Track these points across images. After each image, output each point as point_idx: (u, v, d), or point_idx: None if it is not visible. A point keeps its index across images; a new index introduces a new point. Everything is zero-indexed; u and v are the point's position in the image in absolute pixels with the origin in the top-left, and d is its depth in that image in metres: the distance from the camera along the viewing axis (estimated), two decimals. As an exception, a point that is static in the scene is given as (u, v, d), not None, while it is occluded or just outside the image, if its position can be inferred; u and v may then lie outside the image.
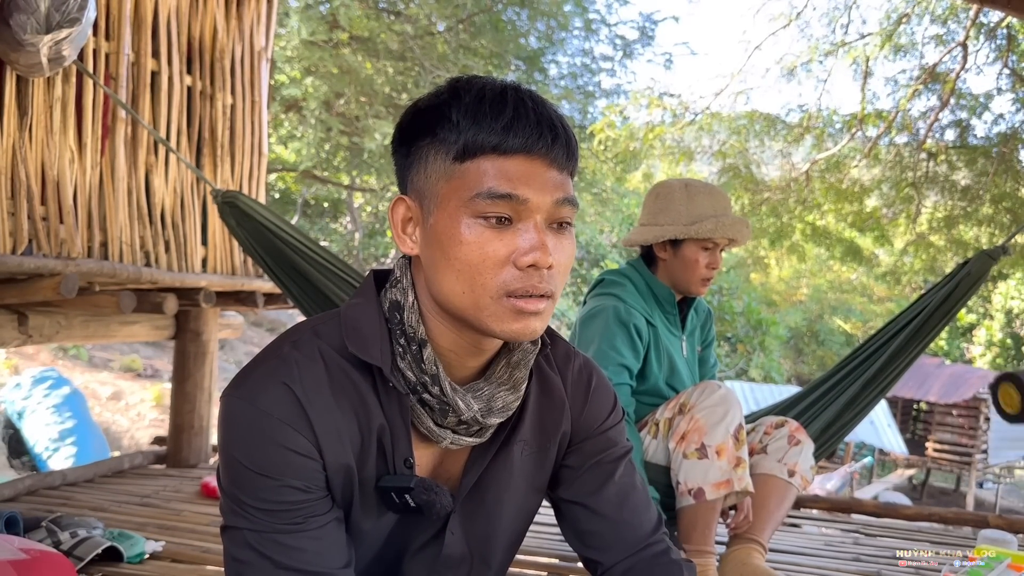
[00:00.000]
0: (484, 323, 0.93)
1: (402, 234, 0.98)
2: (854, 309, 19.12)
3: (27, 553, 1.86)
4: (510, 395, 1.01)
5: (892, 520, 3.37)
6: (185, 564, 2.25)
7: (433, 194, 0.94)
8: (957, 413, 15.02)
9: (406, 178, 0.99)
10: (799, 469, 2.19)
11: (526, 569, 2.33)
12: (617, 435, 1.15)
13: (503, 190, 0.90)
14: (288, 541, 0.95)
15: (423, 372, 0.96)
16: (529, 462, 1.09)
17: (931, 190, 8.97)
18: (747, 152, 9.47)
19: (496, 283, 0.91)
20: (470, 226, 0.91)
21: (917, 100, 8.37)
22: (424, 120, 0.95)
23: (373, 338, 0.97)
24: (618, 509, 1.12)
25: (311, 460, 0.95)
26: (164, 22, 3.13)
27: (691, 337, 2.33)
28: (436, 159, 0.94)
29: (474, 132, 0.91)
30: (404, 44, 9.41)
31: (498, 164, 0.91)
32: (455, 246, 0.91)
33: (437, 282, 0.94)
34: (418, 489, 0.99)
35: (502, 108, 0.92)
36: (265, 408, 0.93)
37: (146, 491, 3.15)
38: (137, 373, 10.15)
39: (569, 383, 1.12)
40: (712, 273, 2.18)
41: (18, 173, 2.55)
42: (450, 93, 0.95)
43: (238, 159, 3.55)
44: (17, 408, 7.45)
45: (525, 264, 0.91)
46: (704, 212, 2.14)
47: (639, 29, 11.68)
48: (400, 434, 0.99)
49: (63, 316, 3.14)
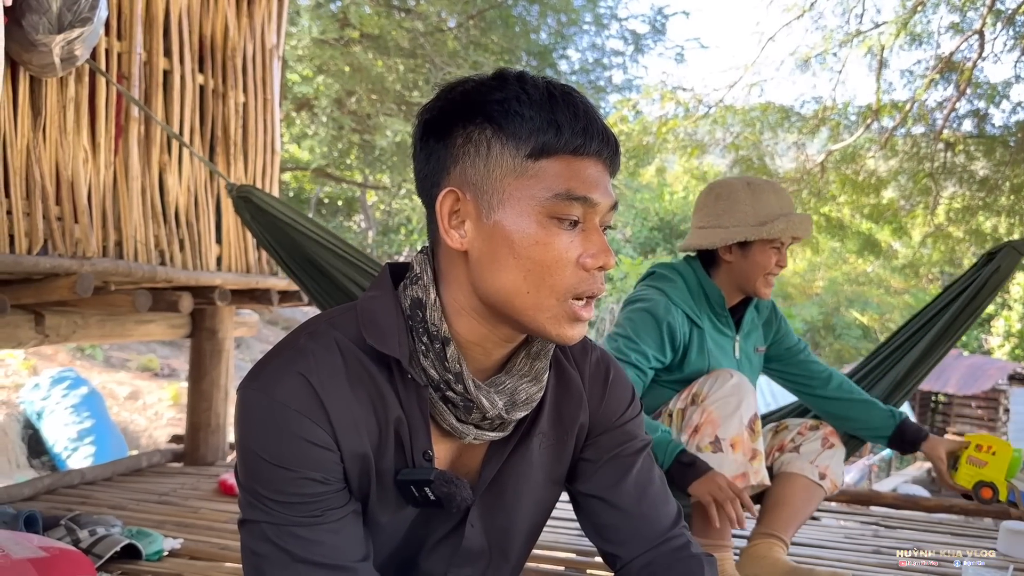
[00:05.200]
0: (540, 324, 0.93)
1: (449, 228, 0.95)
2: (871, 302, 18.98)
3: (47, 551, 1.86)
4: (533, 387, 1.01)
5: (912, 512, 3.34)
6: (203, 561, 2.26)
7: (497, 189, 0.92)
8: (976, 405, 14.90)
9: (449, 167, 0.95)
10: (830, 472, 2.17)
11: (544, 564, 2.32)
12: (636, 428, 1.14)
13: (581, 192, 0.91)
14: (306, 534, 0.94)
15: (447, 370, 0.95)
16: (547, 454, 1.08)
17: (948, 181, 8.88)
18: (760, 144, 9.40)
19: (565, 284, 0.92)
20: (545, 226, 0.91)
21: (933, 90, 8.29)
22: (481, 109, 0.93)
23: (391, 330, 0.96)
24: (637, 503, 1.11)
25: (328, 451, 0.94)
26: (175, 21, 3.13)
27: (747, 338, 2.26)
28: (503, 153, 0.92)
29: (554, 131, 0.90)
30: (414, 41, 9.41)
31: (575, 166, 0.92)
32: (528, 245, 0.91)
33: (494, 279, 0.93)
34: (438, 481, 0.97)
35: (576, 109, 0.92)
36: (282, 399, 0.92)
37: (164, 489, 3.17)
38: (154, 372, 10.21)
39: (587, 376, 1.11)
40: (778, 271, 2.11)
41: (33, 173, 2.55)
42: (513, 85, 0.93)
43: (251, 157, 3.55)
44: (36, 408, 7.51)
45: (595, 266, 0.93)
46: (772, 211, 2.07)
47: (650, 23, 11.64)
48: (418, 427, 0.99)
49: (79, 316, 3.15)
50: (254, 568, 0.97)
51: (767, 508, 2.16)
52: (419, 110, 1.00)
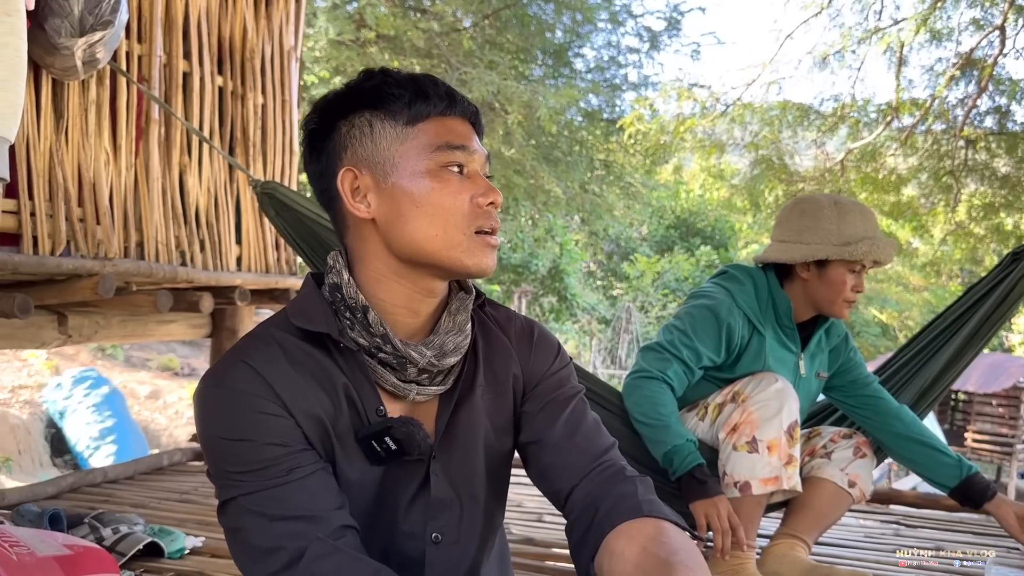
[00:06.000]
0: (457, 259, 1.04)
1: (355, 202, 1.06)
2: (890, 299, 18.83)
3: (71, 549, 1.88)
4: (459, 337, 1.10)
5: (933, 511, 3.31)
6: (224, 559, 2.27)
7: (387, 158, 1.05)
8: (997, 403, 14.73)
9: (340, 155, 1.08)
10: (860, 481, 2.16)
11: (548, 561, 2.33)
12: (565, 377, 1.22)
13: (458, 142, 1.06)
14: (278, 494, 1.01)
15: (372, 335, 1.05)
16: (490, 404, 1.17)
17: (970, 178, 8.79)
18: (780, 143, 9.34)
19: (466, 221, 1.04)
20: (436, 175, 1.04)
21: (954, 87, 8.21)
22: (357, 100, 1.08)
23: (317, 312, 1.07)
24: (569, 438, 1.16)
25: (281, 418, 1.02)
26: (195, 23, 3.15)
27: (812, 358, 2.22)
28: (383, 127, 1.06)
29: (423, 99, 1.06)
30: (430, 41, 9.42)
31: (447, 124, 1.07)
32: (426, 193, 1.04)
33: (405, 233, 1.04)
34: (396, 425, 1.05)
35: (436, 82, 1.08)
36: (229, 384, 1.02)
37: (185, 487, 3.19)
38: (174, 372, 10.29)
39: (513, 337, 1.21)
40: (856, 296, 2.08)
41: (55, 175, 2.58)
42: (379, 75, 1.08)
43: (270, 158, 3.58)
44: (59, 408, 7.60)
45: (486, 203, 1.06)
46: (856, 233, 2.04)
47: (666, 19, 11.59)
48: (364, 388, 1.07)
49: (102, 316, 3.18)
50: (238, 543, 1.03)
51: (793, 510, 2.16)
52: (301, 125, 1.15)
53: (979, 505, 2.13)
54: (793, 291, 2.13)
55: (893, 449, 2.23)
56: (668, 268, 17.15)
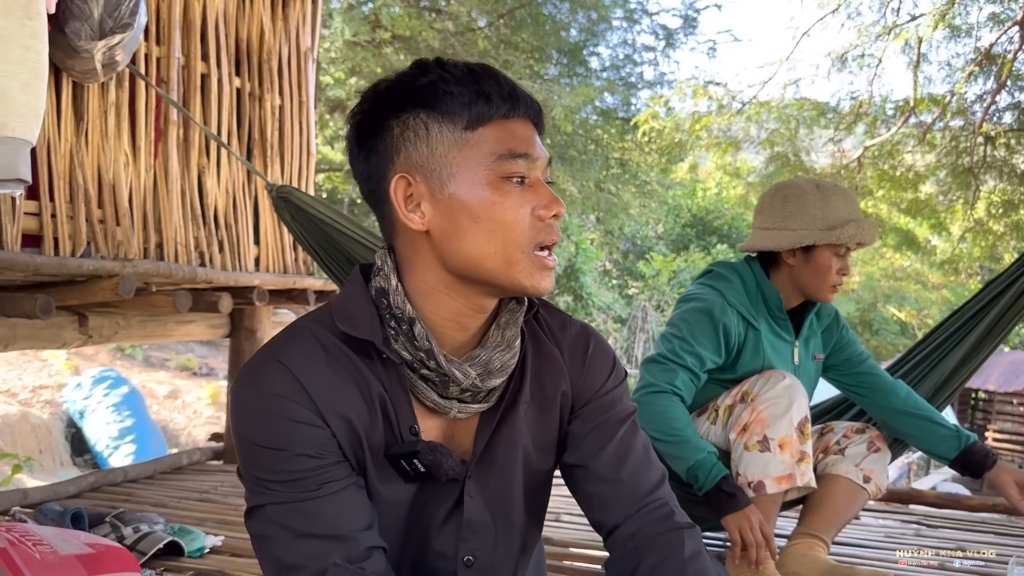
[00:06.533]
0: (514, 279, 0.98)
1: (408, 212, 0.99)
2: (909, 297, 18.67)
3: (93, 547, 1.90)
4: (506, 354, 1.05)
5: (954, 511, 3.29)
6: (244, 558, 2.29)
7: (444, 165, 0.98)
8: (1018, 402, 14.61)
9: (392, 158, 1.00)
10: (875, 476, 2.14)
11: (575, 562, 2.33)
12: (618, 397, 1.16)
13: (521, 150, 0.98)
14: (307, 508, 0.98)
15: (417, 349, 1.00)
16: (534, 423, 1.11)
17: (989, 175, 8.71)
18: (796, 140, 9.28)
19: (527, 237, 0.98)
20: (497, 187, 0.97)
21: (973, 83, 8.13)
22: (410, 96, 0.99)
23: (362, 317, 1.01)
24: (616, 469, 1.11)
25: (316, 428, 0.98)
26: (212, 25, 3.17)
27: (806, 343, 2.21)
28: (441, 131, 0.98)
29: (484, 101, 0.97)
30: (445, 41, 9.43)
31: (509, 128, 0.98)
32: (486, 208, 0.96)
33: (461, 248, 0.98)
34: (424, 451, 1.01)
35: (498, 79, 0.99)
36: (265, 388, 0.98)
37: (205, 487, 3.21)
38: (193, 372, 10.36)
39: (566, 349, 1.14)
40: (842, 279, 2.07)
41: (76, 177, 2.61)
42: (435, 68, 0.99)
43: (287, 159, 3.60)
44: (79, 407, 7.66)
45: (549, 215, 0.98)
46: (841, 216, 2.02)
47: (682, 17, 11.55)
48: (401, 402, 1.03)
49: (122, 316, 3.21)
50: (262, 551, 1.01)
51: (809, 508, 2.14)
52: (348, 116, 1.05)
53: (980, 474, 2.11)
54: (780, 279, 2.11)
55: (891, 425, 2.22)
56: (684, 267, 17.08)
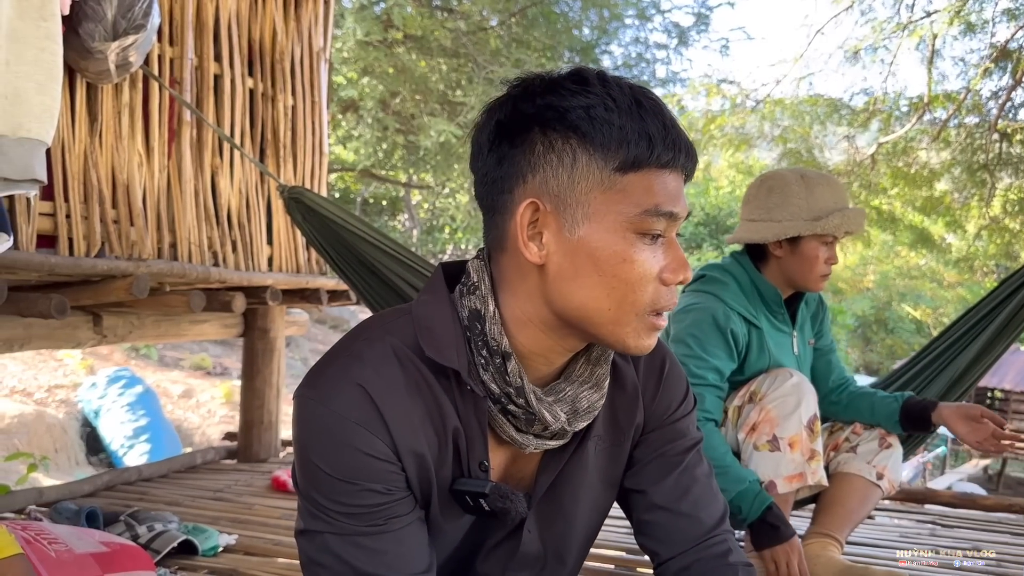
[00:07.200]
0: (619, 338, 0.91)
1: (527, 240, 0.90)
2: (924, 296, 18.56)
3: (107, 546, 1.91)
4: (594, 394, 0.98)
5: (970, 511, 3.26)
6: (257, 557, 2.30)
7: (582, 203, 0.88)
8: (1034, 401, 14.49)
9: (526, 175, 0.90)
10: (888, 472, 2.12)
11: (594, 562, 2.32)
12: (687, 425, 1.12)
13: (668, 207, 0.88)
14: (369, 543, 0.93)
15: (507, 384, 0.93)
16: (603, 457, 1.06)
17: (1004, 172, 8.63)
18: (809, 137, 9.24)
19: (646, 300, 0.90)
20: (631, 242, 0.88)
21: (988, 79, 8.06)
22: (564, 115, 0.88)
23: (448, 341, 0.93)
24: (678, 501, 1.08)
25: (389, 463, 0.92)
26: (225, 26, 3.18)
27: (802, 331, 2.21)
28: (589, 165, 0.88)
29: (646, 144, 0.87)
30: (457, 41, 9.43)
31: (662, 179, 0.88)
32: (615, 263, 0.88)
33: (574, 295, 0.90)
34: (493, 496, 0.96)
35: (664, 119, 0.88)
36: (340, 411, 0.91)
37: (218, 485, 3.23)
38: (207, 371, 10.40)
39: (641, 369, 1.08)
40: (830, 268, 2.05)
41: (90, 178, 2.62)
42: (597, 88, 0.88)
43: (300, 159, 3.60)
44: (93, 407, 7.70)
45: (675, 280, 0.91)
46: (827, 206, 2.00)
47: (694, 15, 11.51)
48: (475, 437, 0.97)
49: (136, 316, 3.22)
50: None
51: (822, 508, 2.13)
52: (487, 107, 0.95)
53: (928, 422, 2.11)
54: (770, 271, 2.10)
55: (838, 416, 2.24)
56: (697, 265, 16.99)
